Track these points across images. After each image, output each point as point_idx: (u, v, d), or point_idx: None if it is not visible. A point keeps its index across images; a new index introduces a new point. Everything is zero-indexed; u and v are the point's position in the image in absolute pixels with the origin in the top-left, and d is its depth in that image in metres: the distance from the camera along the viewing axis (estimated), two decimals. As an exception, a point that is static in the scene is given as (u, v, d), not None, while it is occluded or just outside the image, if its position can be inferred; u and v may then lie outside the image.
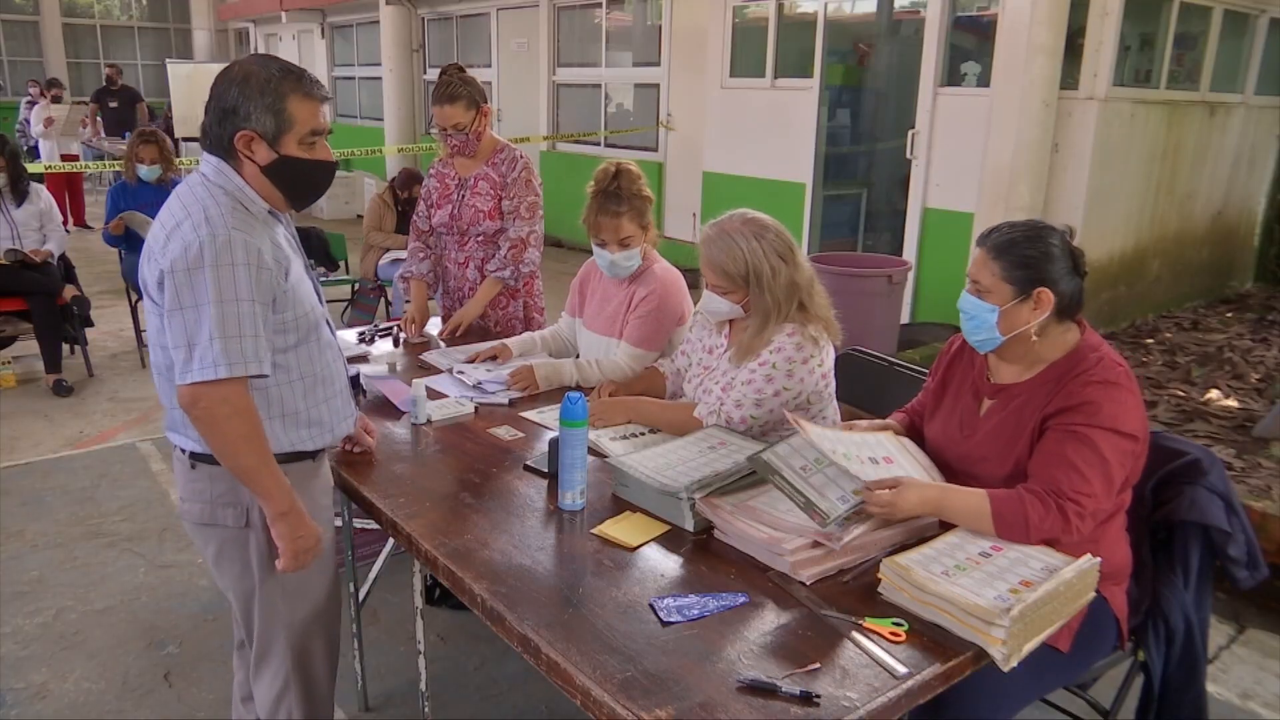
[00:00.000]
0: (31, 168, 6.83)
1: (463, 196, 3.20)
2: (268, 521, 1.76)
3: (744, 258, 2.15)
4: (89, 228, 10.17)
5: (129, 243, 5.52)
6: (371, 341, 3.14)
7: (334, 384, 1.91)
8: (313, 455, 1.90)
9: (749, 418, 2.18)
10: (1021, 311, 1.80)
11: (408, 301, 3.29)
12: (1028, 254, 1.79)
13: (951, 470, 1.92)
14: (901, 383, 2.64)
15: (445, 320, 3.39)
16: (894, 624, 1.51)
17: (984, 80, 5.96)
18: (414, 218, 3.38)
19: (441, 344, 3.13)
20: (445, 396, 2.58)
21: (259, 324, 1.66)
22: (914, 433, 2.10)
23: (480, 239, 3.21)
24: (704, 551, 1.77)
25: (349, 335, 3.18)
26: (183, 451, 1.82)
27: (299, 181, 1.79)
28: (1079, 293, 1.83)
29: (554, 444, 2.01)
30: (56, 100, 10.87)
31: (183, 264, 1.62)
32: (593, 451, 2.08)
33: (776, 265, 2.16)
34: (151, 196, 5.42)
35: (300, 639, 1.92)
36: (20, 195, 5.15)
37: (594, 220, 2.66)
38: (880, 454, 1.87)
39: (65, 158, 10.69)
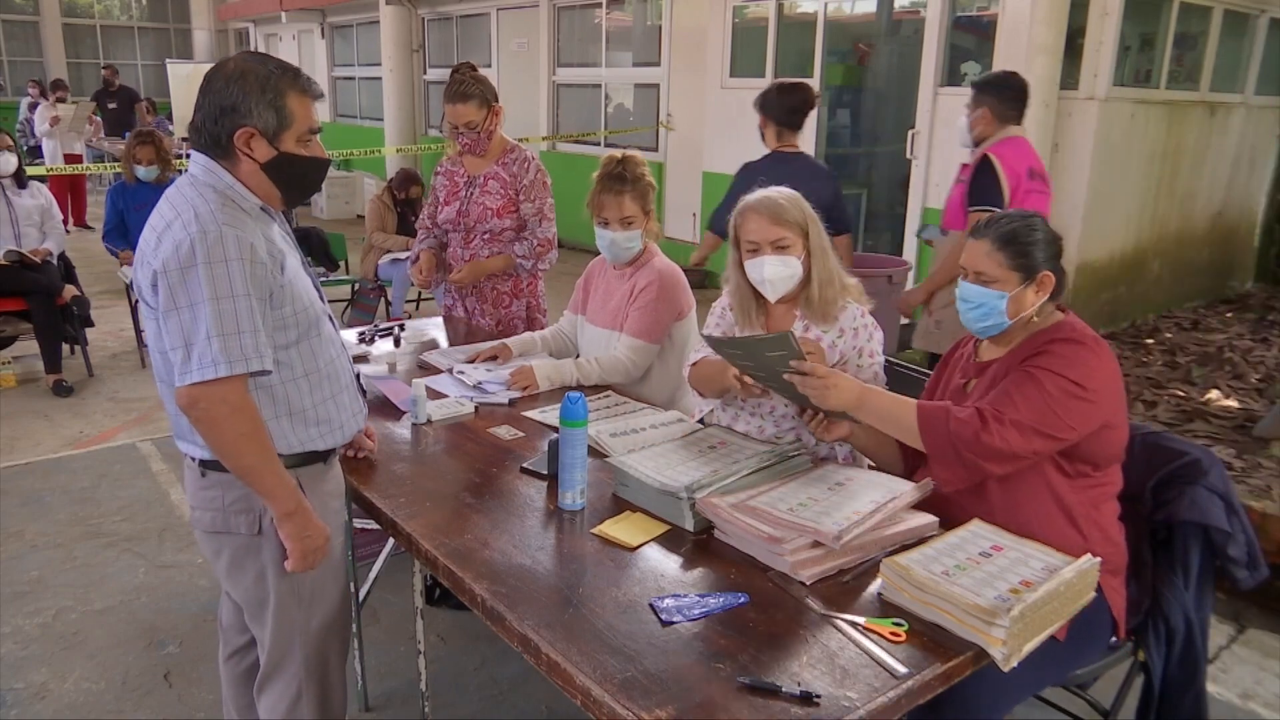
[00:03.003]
0: (34, 170, 6.86)
1: (471, 194, 3.21)
2: (275, 522, 1.74)
3: (796, 206, 2.24)
4: (90, 228, 10.17)
5: (130, 243, 5.53)
6: (371, 341, 3.14)
7: (340, 380, 1.88)
8: (324, 457, 1.88)
9: None
10: (1027, 295, 1.89)
11: (414, 287, 3.28)
12: (1028, 242, 1.89)
13: None
14: (902, 383, 2.64)
15: (446, 320, 3.41)
16: (894, 624, 1.51)
17: (984, 80, 5.95)
18: (421, 218, 3.39)
19: (444, 345, 3.13)
20: (445, 396, 2.58)
21: (257, 319, 1.64)
22: None
23: (486, 236, 3.22)
24: (704, 551, 1.77)
25: (349, 335, 3.19)
26: (193, 460, 1.79)
27: (296, 179, 1.78)
28: (1063, 275, 1.95)
29: (553, 445, 2.01)
30: (61, 101, 10.87)
31: (175, 263, 1.60)
32: (593, 451, 2.08)
33: (815, 219, 2.26)
34: (150, 196, 5.40)
35: (316, 646, 1.90)
36: (21, 182, 5.19)
37: (597, 200, 2.68)
38: (838, 478, 1.92)
39: (69, 157, 10.70)
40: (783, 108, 3.75)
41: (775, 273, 2.22)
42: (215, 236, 1.61)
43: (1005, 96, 3.49)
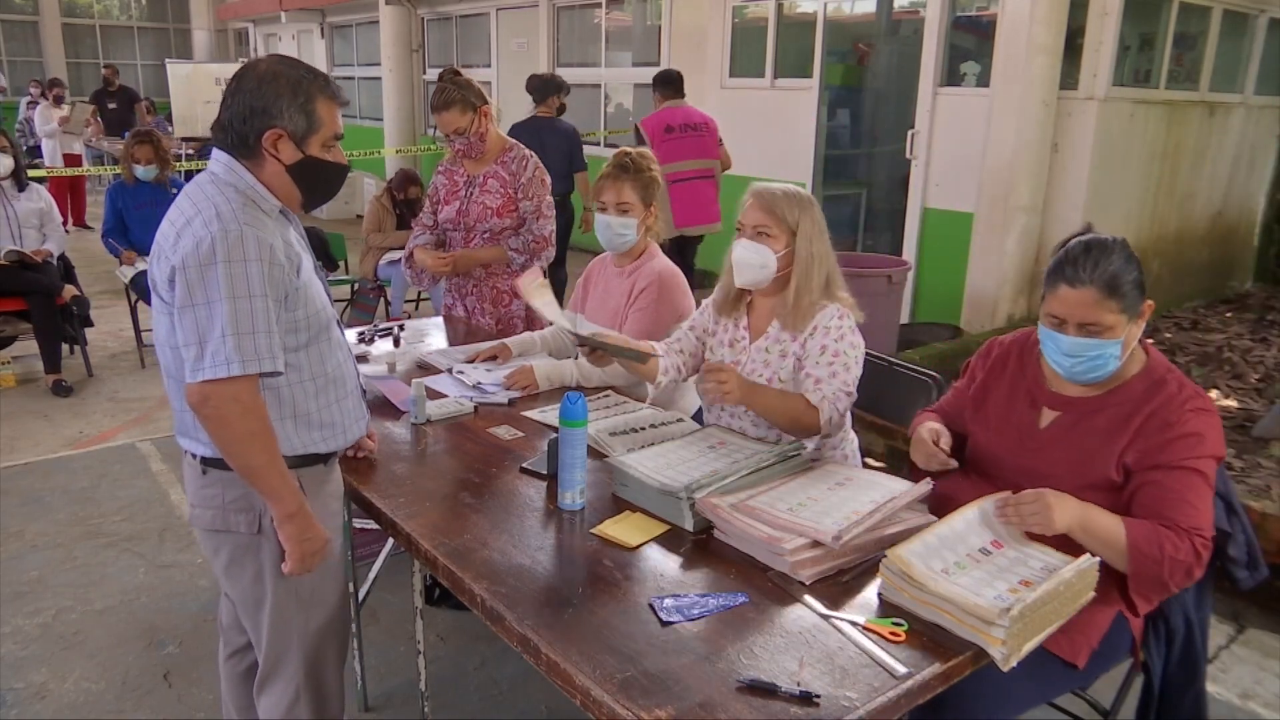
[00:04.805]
0: (34, 172, 6.86)
1: (471, 194, 3.21)
2: (275, 523, 1.74)
3: (796, 206, 2.21)
4: (89, 228, 10.17)
5: (130, 242, 5.54)
6: (371, 341, 3.14)
7: (345, 385, 1.89)
8: (324, 459, 1.88)
9: (846, 409, 2.22)
10: (1133, 331, 1.78)
11: (413, 287, 3.29)
12: (1135, 278, 1.74)
13: (1012, 485, 1.87)
14: (901, 383, 2.64)
15: (446, 320, 3.41)
16: (894, 624, 1.51)
17: (984, 80, 5.96)
18: (419, 216, 3.39)
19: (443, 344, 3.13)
20: (445, 396, 2.58)
21: (272, 320, 1.64)
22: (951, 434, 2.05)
23: (486, 235, 3.22)
24: (704, 551, 1.77)
25: (349, 335, 3.18)
26: (194, 457, 1.79)
27: (319, 183, 1.80)
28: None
29: (553, 445, 2.01)
30: (59, 100, 10.86)
31: (194, 260, 1.60)
32: (592, 451, 2.08)
33: (818, 230, 2.22)
34: (150, 196, 5.44)
35: (314, 647, 1.90)
36: (20, 183, 5.19)
37: (598, 184, 2.73)
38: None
39: (68, 157, 10.69)
40: (534, 88, 5.76)
41: (743, 256, 2.21)
42: (236, 236, 1.61)
43: (663, 83, 5.61)
